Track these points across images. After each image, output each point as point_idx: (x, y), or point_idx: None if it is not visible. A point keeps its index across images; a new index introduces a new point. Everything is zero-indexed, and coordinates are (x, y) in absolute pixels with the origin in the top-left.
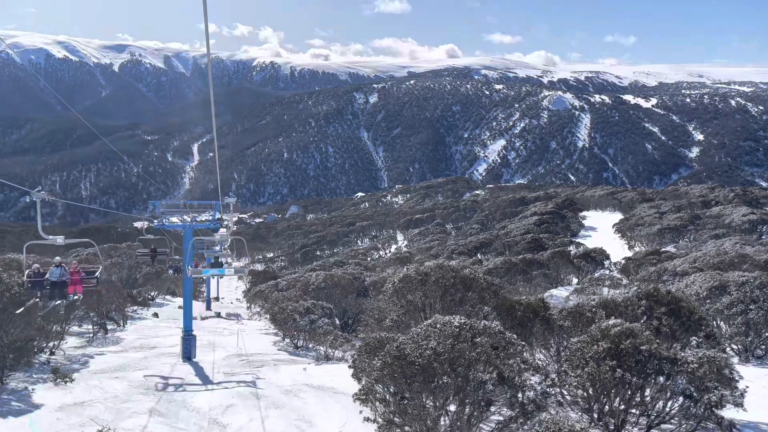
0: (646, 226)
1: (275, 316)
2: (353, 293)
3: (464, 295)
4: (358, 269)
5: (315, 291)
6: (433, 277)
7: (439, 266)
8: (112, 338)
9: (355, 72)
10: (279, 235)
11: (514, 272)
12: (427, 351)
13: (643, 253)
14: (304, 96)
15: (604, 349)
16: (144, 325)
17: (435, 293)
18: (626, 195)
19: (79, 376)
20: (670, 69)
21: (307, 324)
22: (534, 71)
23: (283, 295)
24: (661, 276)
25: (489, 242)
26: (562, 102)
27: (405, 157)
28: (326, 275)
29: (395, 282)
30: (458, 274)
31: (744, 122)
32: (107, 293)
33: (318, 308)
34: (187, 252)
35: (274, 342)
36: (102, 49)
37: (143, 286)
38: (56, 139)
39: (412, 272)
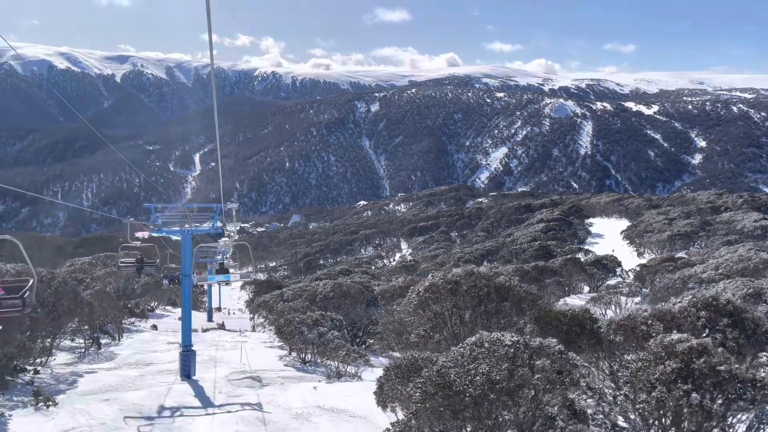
0: (656, 232)
1: (281, 329)
2: (362, 303)
3: (500, 306)
4: (365, 278)
5: (322, 301)
6: (464, 285)
7: (470, 273)
8: (106, 353)
9: (357, 81)
10: (281, 245)
11: (526, 280)
12: (477, 378)
13: (658, 260)
14: (305, 105)
15: (672, 370)
16: (141, 338)
17: (467, 304)
18: (633, 202)
19: (64, 399)
20: (671, 76)
21: (316, 337)
22: (535, 79)
23: (289, 306)
24: (686, 283)
25: (496, 250)
26: (563, 109)
27: (407, 166)
28: (334, 284)
29: (420, 291)
30: (492, 282)
31: (746, 129)
32: (101, 305)
33: (327, 320)
34: (187, 259)
35: (279, 356)
36: (104, 60)
37: (141, 297)
38: (58, 149)
39: (440, 280)
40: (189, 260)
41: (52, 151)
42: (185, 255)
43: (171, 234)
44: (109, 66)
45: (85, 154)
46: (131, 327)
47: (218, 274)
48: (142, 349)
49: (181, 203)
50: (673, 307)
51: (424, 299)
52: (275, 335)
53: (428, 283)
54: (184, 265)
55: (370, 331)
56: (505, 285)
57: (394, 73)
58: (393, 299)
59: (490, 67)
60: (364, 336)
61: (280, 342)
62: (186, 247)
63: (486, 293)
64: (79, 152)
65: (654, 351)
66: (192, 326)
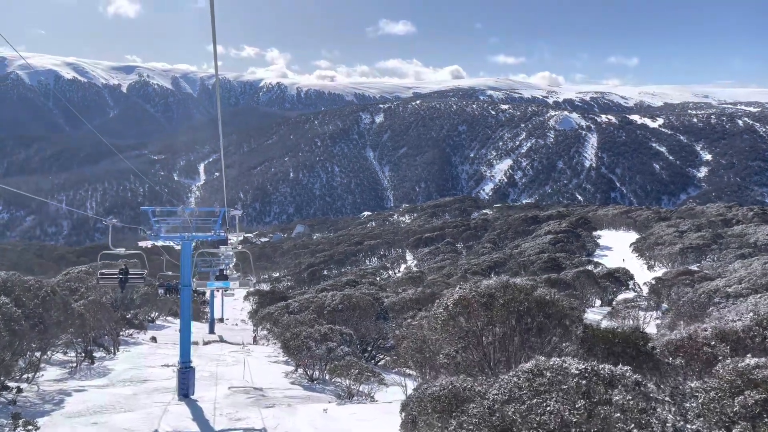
0: (667, 245)
1: (287, 343)
2: (372, 316)
3: (542, 323)
4: (373, 289)
5: (330, 314)
6: (500, 299)
7: (506, 285)
8: (99, 369)
9: (361, 93)
10: (285, 255)
11: None
12: (546, 418)
13: (673, 273)
14: (310, 116)
15: (756, 402)
16: (138, 351)
17: (504, 321)
18: (641, 214)
19: (47, 422)
20: (675, 90)
21: (325, 353)
22: (539, 92)
23: (295, 319)
24: (711, 298)
25: (503, 262)
26: (568, 122)
27: (411, 177)
28: (343, 296)
29: (449, 305)
30: (531, 296)
31: (752, 142)
32: (94, 316)
33: (336, 334)
34: (186, 268)
35: (285, 373)
36: (111, 70)
37: (141, 307)
38: (63, 158)
39: (472, 293)
40: (189, 268)
41: (57, 160)
42: (185, 263)
43: (170, 240)
44: (116, 76)
45: (89, 163)
46: (129, 339)
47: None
48: (138, 364)
49: (181, 207)
50: (734, 325)
51: (453, 314)
52: (280, 349)
53: (457, 296)
54: (183, 274)
55: (380, 346)
56: (546, 299)
57: (398, 85)
58: (404, 312)
59: (494, 79)
60: (374, 351)
61: (285, 357)
62: (185, 255)
63: (526, 308)
64: (84, 161)
65: (727, 378)
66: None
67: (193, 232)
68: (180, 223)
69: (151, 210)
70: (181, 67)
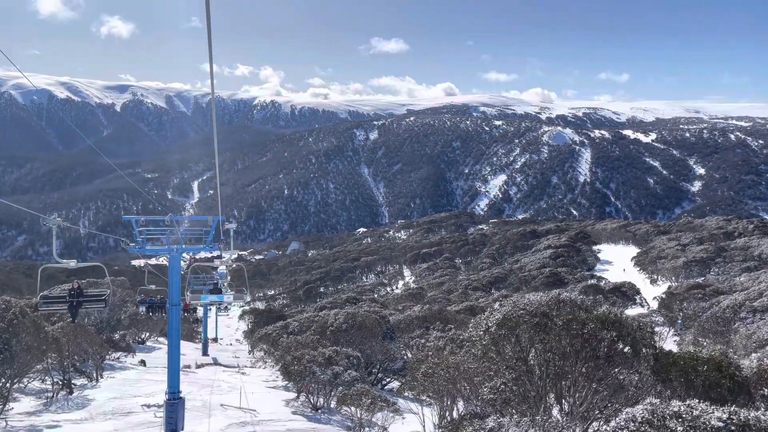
0: (670, 258)
1: (288, 368)
2: (378, 336)
3: (612, 349)
4: (375, 306)
5: (334, 334)
6: (560, 319)
7: (560, 301)
8: (79, 399)
9: (355, 110)
10: (280, 272)
11: None
12: None
13: (684, 287)
14: (304, 133)
15: None
16: (125, 377)
17: (565, 346)
18: (640, 228)
19: None
20: (667, 105)
21: (330, 378)
22: (532, 108)
23: (296, 340)
24: (737, 313)
25: (504, 277)
26: (562, 137)
27: (406, 193)
28: (347, 314)
29: (489, 327)
30: (593, 315)
31: (745, 156)
32: (74, 340)
33: (342, 357)
34: (175, 285)
35: (286, 401)
36: (104, 89)
37: (129, 329)
38: (56, 177)
39: (519, 311)
40: (177, 285)
41: (50, 180)
42: (173, 279)
43: (157, 253)
44: (109, 95)
45: (82, 182)
46: (115, 363)
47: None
48: (122, 393)
49: (169, 215)
50: None
51: (497, 338)
52: (280, 373)
53: (502, 316)
54: (171, 292)
55: (387, 368)
56: (611, 318)
57: (392, 102)
58: (410, 330)
59: (487, 96)
60: (381, 373)
61: (284, 381)
62: (174, 270)
63: (592, 330)
64: (77, 180)
65: None
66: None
67: (182, 244)
68: (168, 234)
69: (135, 219)
70: (175, 86)
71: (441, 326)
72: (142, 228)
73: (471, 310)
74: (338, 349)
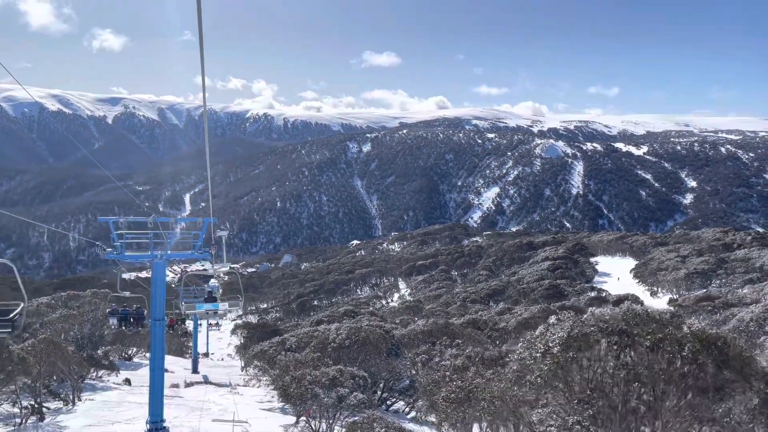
0: (670, 270)
1: (287, 390)
2: (383, 353)
3: (717, 377)
4: (375, 320)
5: (335, 350)
6: (646, 338)
7: (640, 315)
8: (50, 426)
9: (348, 123)
10: (273, 285)
11: None
12: None
13: (693, 299)
14: (297, 146)
15: None
16: (106, 399)
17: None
18: (637, 239)
19: None
20: (657, 119)
21: (335, 401)
22: (524, 121)
23: (295, 359)
24: (762, 326)
25: (502, 289)
26: (554, 150)
27: (399, 205)
28: (351, 329)
29: (551, 347)
30: (690, 333)
31: (736, 169)
32: (46, 359)
33: (347, 377)
34: (159, 296)
35: (284, 427)
36: (96, 102)
37: (113, 345)
38: (46, 190)
39: (592, 327)
40: (162, 297)
41: (40, 192)
42: (157, 291)
43: (138, 259)
44: (101, 108)
45: (72, 194)
46: (97, 383)
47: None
48: (101, 419)
49: (152, 216)
50: None
51: (562, 362)
52: (274, 391)
53: (566, 333)
54: (154, 304)
55: (392, 387)
56: (714, 337)
57: (384, 115)
58: (415, 346)
59: (479, 109)
60: (385, 392)
61: (280, 402)
62: (158, 280)
63: (692, 353)
64: (67, 193)
65: None
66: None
67: (168, 250)
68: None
69: (113, 221)
70: (168, 99)
71: (448, 341)
72: (121, 231)
73: (474, 323)
74: (343, 368)
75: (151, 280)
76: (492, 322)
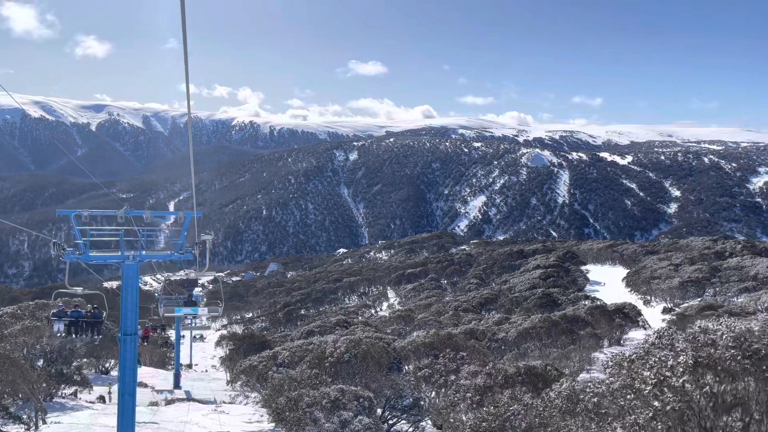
0: (664, 279)
1: (281, 413)
2: (385, 368)
3: None
4: (370, 331)
5: (333, 366)
6: None
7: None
8: None
9: (334, 131)
10: (259, 294)
11: (557, 332)
12: None
13: (695, 308)
14: (283, 153)
15: None
16: (74, 421)
17: None
18: (627, 247)
19: None
20: (640, 129)
21: (337, 427)
22: (509, 130)
23: (289, 377)
24: None
25: (493, 298)
26: (540, 159)
27: (386, 214)
28: (350, 342)
29: (675, 375)
30: None
31: (718, 179)
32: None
33: (350, 398)
34: (129, 303)
35: None
36: (80, 108)
37: (88, 357)
38: (26, 197)
39: (727, 351)
40: (134, 306)
41: (20, 200)
42: (128, 297)
43: (106, 261)
44: (85, 115)
45: (54, 202)
46: (67, 402)
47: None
48: None
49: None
50: None
51: (685, 397)
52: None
53: (692, 359)
54: (125, 315)
55: (394, 406)
56: None
57: (371, 124)
58: (416, 359)
59: (465, 118)
60: (387, 413)
61: (272, 423)
62: (130, 285)
63: None
64: (49, 201)
65: None
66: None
67: (142, 250)
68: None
69: (74, 214)
70: (152, 106)
71: (452, 354)
72: (84, 227)
73: (472, 333)
74: (345, 387)
75: (121, 286)
76: (490, 332)
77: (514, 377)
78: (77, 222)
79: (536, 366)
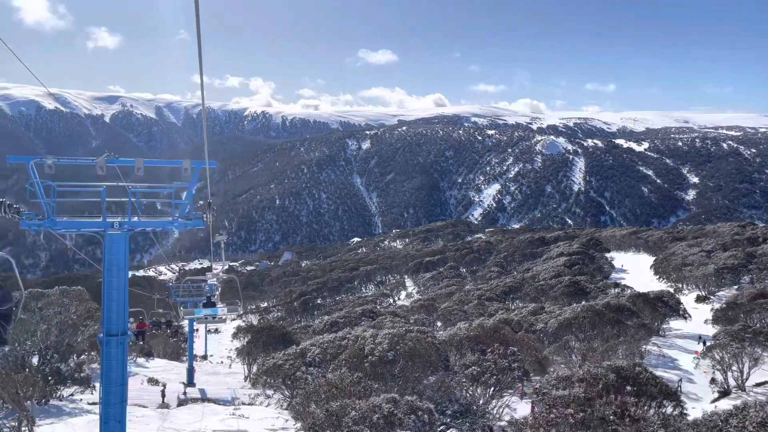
0: (696, 266)
1: (319, 428)
2: (432, 368)
3: None
4: (399, 322)
5: (374, 365)
6: None
7: None
8: None
9: (346, 120)
10: (273, 283)
11: (601, 323)
12: None
13: (746, 297)
14: (296, 143)
15: None
16: (67, 428)
17: None
18: (652, 234)
19: None
20: (656, 115)
21: None
22: (523, 118)
23: (327, 382)
24: None
25: (517, 286)
26: (555, 146)
27: (399, 202)
28: (393, 336)
29: None
30: None
31: (738, 165)
32: None
33: (405, 410)
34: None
35: None
36: (94, 100)
37: (88, 353)
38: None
39: None
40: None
41: None
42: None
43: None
44: (99, 106)
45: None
46: (64, 406)
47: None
48: None
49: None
50: None
51: None
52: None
53: None
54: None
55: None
56: None
57: (383, 113)
58: (461, 355)
59: (477, 106)
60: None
61: (295, 424)
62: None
63: None
64: None
65: None
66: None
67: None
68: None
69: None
70: (165, 97)
71: (501, 349)
72: (50, 182)
73: (506, 324)
74: (397, 397)
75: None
76: (526, 322)
77: (614, 384)
78: (37, 174)
79: (623, 367)
